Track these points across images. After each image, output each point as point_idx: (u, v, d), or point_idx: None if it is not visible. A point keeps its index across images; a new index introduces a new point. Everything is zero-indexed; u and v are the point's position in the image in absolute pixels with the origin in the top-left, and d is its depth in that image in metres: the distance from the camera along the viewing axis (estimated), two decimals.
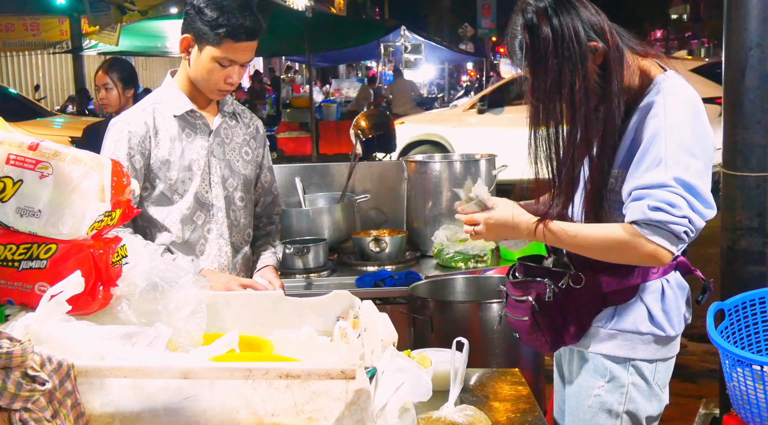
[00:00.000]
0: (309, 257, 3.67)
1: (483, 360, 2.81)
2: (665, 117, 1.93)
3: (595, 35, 1.97)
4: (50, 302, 1.45)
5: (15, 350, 1.26)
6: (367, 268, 3.71)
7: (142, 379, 1.39)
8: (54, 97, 20.16)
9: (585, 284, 2.07)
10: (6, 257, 1.63)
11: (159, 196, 2.68)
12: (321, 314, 1.93)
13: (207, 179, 2.73)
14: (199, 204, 2.72)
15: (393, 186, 4.22)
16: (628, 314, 2.08)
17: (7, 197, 1.64)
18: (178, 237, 2.70)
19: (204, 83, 2.66)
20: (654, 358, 2.10)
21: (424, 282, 3.23)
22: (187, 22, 2.62)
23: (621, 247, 1.95)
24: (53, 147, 1.67)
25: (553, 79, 1.96)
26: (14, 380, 1.25)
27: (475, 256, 3.61)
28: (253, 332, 1.88)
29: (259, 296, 2.10)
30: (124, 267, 1.73)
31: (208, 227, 2.75)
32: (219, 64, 2.60)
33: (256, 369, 1.39)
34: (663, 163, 1.89)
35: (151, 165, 2.66)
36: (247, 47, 2.62)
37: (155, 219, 2.69)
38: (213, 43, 2.57)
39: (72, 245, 1.65)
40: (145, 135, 2.65)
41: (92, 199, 1.66)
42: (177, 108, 2.70)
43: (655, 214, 1.88)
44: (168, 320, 1.65)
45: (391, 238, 3.78)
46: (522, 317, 2.17)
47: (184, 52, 2.66)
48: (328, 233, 3.87)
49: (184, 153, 2.69)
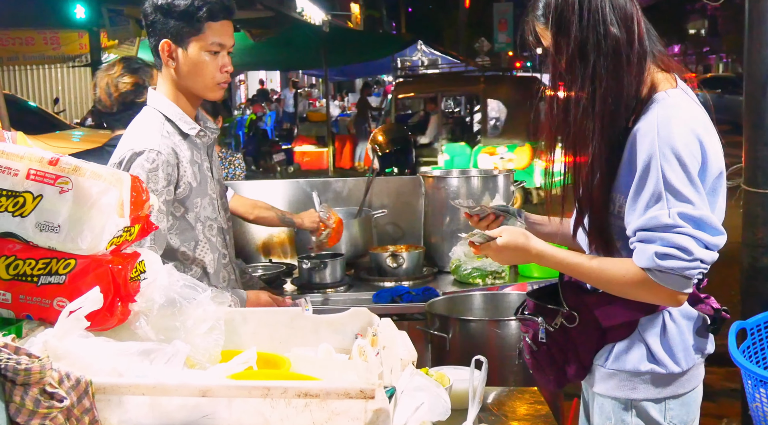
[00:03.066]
0: (326, 273, 3.67)
1: (500, 377, 2.78)
2: (658, 141, 1.83)
3: (618, 21, 1.91)
4: (69, 318, 1.45)
5: (33, 366, 1.25)
6: (384, 283, 3.70)
7: (160, 397, 1.38)
8: (73, 111, 20.31)
9: (580, 322, 2.00)
10: (25, 272, 1.63)
11: (185, 226, 2.53)
12: (339, 331, 1.91)
13: (216, 202, 2.64)
14: (218, 230, 2.62)
15: (410, 201, 4.21)
16: (627, 353, 1.98)
17: (27, 211, 1.64)
18: (211, 268, 2.57)
19: (202, 82, 2.53)
20: (660, 397, 1.98)
21: (442, 298, 3.21)
22: (158, 28, 2.49)
23: (632, 289, 1.89)
24: (73, 162, 1.67)
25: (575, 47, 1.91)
26: (32, 396, 1.25)
27: (492, 272, 3.59)
28: (270, 348, 1.86)
29: (276, 312, 2.09)
30: (143, 283, 1.73)
31: (223, 252, 2.65)
32: (210, 54, 2.49)
33: (274, 387, 1.38)
34: (663, 199, 1.81)
35: (178, 194, 2.50)
36: (229, 26, 2.53)
37: (184, 252, 2.53)
38: (196, 32, 2.47)
39: (91, 261, 1.65)
40: (174, 163, 2.49)
41: (111, 214, 1.66)
42: (188, 128, 2.57)
43: (665, 262, 1.80)
44: (186, 336, 1.64)
45: (408, 253, 3.77)
46: (526, 355, 2.13)
47: (167, 60, 2.51)
48: (345, 248, 3.86)
49: (198, 177, 2.57)
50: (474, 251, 2.12)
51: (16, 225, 1.64)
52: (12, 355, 1.25)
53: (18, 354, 1.27)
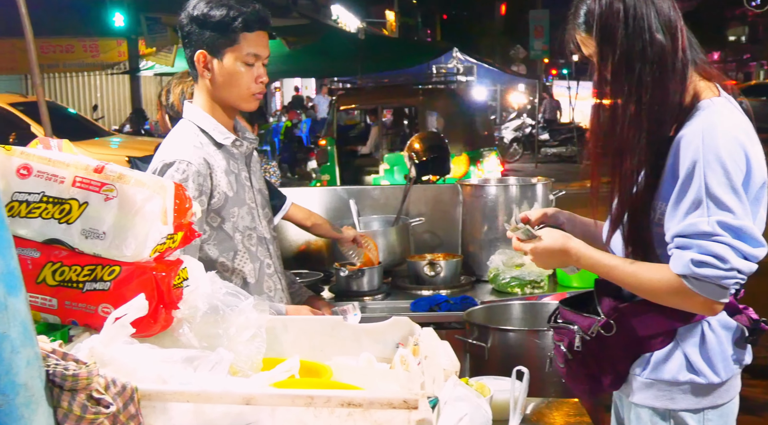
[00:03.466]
0: (363, 281, 3.67)
1: (539, 388, 2.76)
2: (702, 148, 1.81)
3: (663, 29, 1.90)
4: (114, 324, 1.46)
5: (81, 372, 1.26)
6: (421, 292, 3.70)
7: (204, 404, 1.38)
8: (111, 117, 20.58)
9: (617, 331, 1.97)
10: (71, 278, 1.65)
11: (223, 236, 2.53)
12: (379, 340, 1.91)
13: (256, 212, 2.63)
14: (258, 240, 2.61)
15: (448, 209, 4.21)
16: (665, 362, 1.94)
17: (73, 218, 1.66)
18: (252, 278, 2.56)
19: (237, 92, 2.52)
20: (699, 407, 1.95)
21: (480, 308, 3.20)
22: (194, 38, 2.50)
23: (667, 296, 1.87)
24: (118, 170, 1.68)
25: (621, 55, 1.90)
26: (80, 402, 1.26)
27: (531, 282, 3.57)
28: (311, 357, 1.86)
29: (317, 321, 2.09)
30: (185, 290, 1.74)
31: (267, 262, 2.64)
32: (245, 65, 2.49)
33: (317, 396, 1.38)
34: (704, 205, 1.79)
35: (212, 204, 2.50)
36: (264, 37, 2.53)
37: (223, 262, 2.53)
38: (231, 43, 2.47)
39: (135, 268, 1.66)
40: (207, 174, 2.48)
41: (155, 221, 1.67)
42: (222, 138, 2.56)
43: (701, 270, 1.78)
44: (228, 344, 1.64)
45: (446, 262, 3.76)
46: (560, 364, 2.10)
47: (203, 71, 2.52)
48: (383, 257, 3.86)
49: (235, 187, 2.56)
50: (515, 247, 2.11)
51: (63, 232, 1.66)
52: (60, 361, 1.26)
53: (65, 359, 1.27)
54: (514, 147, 19.93)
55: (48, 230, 1.66)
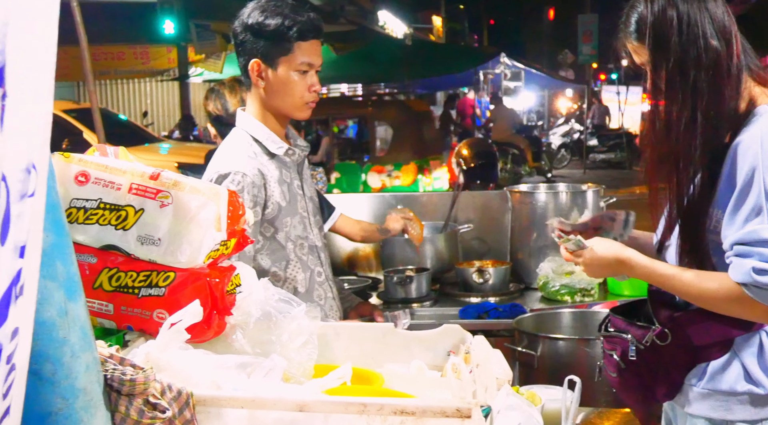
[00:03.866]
0: (411, 287, 3.66)
1: (589, 397, 2.73)
2: (761, 154, 1.78)
3: (717, 35, 1.87)
4: (170, 330, 1.48)
5: (138, 377, 1.28)
6: (469, 299, 3.68)
7: (258, 410, 1.39)
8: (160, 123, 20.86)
9: (672, 340, 1.94)
10: (127, 284, 1.67)
11: (276, 246, 2.53)
12: (430, 348, 1.90)
13: (308, 220, 2.63)
14: (309, 249, 2.61)
15: (496, 216, 4.19)
16: (722, 372, 1.91)
17: (129, 225, 1.68)
18: (303, 287, 2.56)
19: (290, 101, 2.54)
20: (757, 418, 1.91)
21: (530, 315, 3.18)
22: (248, 47, 2.51)
23: (727, 304, 1.84)
24: (173, 177, 1.70)
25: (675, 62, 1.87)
26: (137, 407, 1.27)
27: (581, 290, 3.54)
28: (362, 364, 1.86)
29: (368, 328, 2.09)
30: (238, 296, 1.75)
31: (318, 270, 2.64)
32: (299, 73, 2.50)
33: (371, 404, 1.38)
34: (764, 212, 1.76)
35: (266, 215, 2.51)
36: (318, 46, 2.54)
37: (275, 272, 2.53)
38: (285, 52, 2.48)
39: (189, 274, 1.68)
40: (261, 184, 2.49)
41: (209, 228, 1.68)
42: (275, 148, 2.57)
43: (763, 278, 1.75)
44: (281, 350, 1.65)
45: (494, 269, 3.74)
46: (612, 373, 2.07)
47: (256, 80, 2.53)
48: (431, 263, 3.85)
49: (288, 196, 2.56)
50: (565, 258, 2.10)
51: (119, 238, 1.68)
52: (117, 366, 1.28)
53: (123, 364, 1.29)
54: (561, 153, 19.75)
55: (105, 236, 1.69)
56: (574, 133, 20.32)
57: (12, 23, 0.69)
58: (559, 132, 20.46)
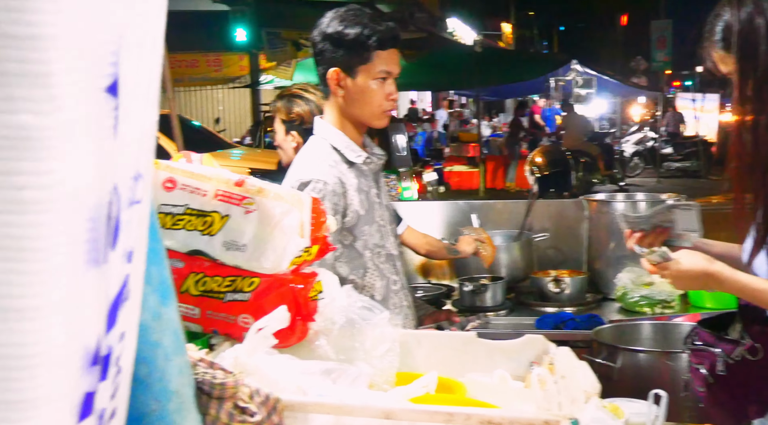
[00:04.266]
0: (486, 296, 3.64)
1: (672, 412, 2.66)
2: None
3: None
4: (257, 335, 1.49)
5: (228, 381, 1.29)
6: (545, 309, 3.64)
7: (344, 416, 1.39)
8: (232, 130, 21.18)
9: (764, 356, 1.89)
10: (213, 288, 1.70)
11: (354, 254, 2.54)
12: (513, 358, 1.88)
13: (385, 229, 2.63)
14: (386, 257, 2.61)
15: (572, 225, 4.13)
16: None
17: (215, 230, 1.70)
18: (379, 295, 2.56)
19: (369, 110, 2.54)
20: None
21: (608, 327, 3.12)
22: (327, 56, 2.51)
23: None
24: (258, 184, 1.72)
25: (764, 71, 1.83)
26: (227, 410, 1.28)
27: (662, 301, 3.46)
28: (443, 372, 1.85)
29: (449, 336, 2.09)
30: (320, 302, 1.76)
31: (393, 278, 2.64)
32: (377, 82, 2.51)
33: (457, 413, 1.37)
34: None
35: (346, 223, 2.51)
36: (396, 54, 2.54)
37: (353, 280, 2.52)
38: (365, 61, 2.48)
39: (273, 280, 1.69)
40: (341, 193, 2.50)
41: (293, 235, 1.70)
42: (354, 156, 2.57)
43: None
44: (365, 357, 1.65)
45: (571, 279, 3.69)
46: (700, 388, 2.02)
47: (336, 89, 2.53)
48: (506, 272, 3.82)
49: (366, 205, 2.56)
50: (649, 270, 2.05)
51: (205, 244, 1.71)
52: (208, 369, 1.30)
53: (213, 368, 1.31)
54: (634, 161, 19.40)
55: (191, 241, 1.71)
56: (648, 141, 19.94)
57: (126, 36, 0.71)
58: (632, 140, 20.10)
